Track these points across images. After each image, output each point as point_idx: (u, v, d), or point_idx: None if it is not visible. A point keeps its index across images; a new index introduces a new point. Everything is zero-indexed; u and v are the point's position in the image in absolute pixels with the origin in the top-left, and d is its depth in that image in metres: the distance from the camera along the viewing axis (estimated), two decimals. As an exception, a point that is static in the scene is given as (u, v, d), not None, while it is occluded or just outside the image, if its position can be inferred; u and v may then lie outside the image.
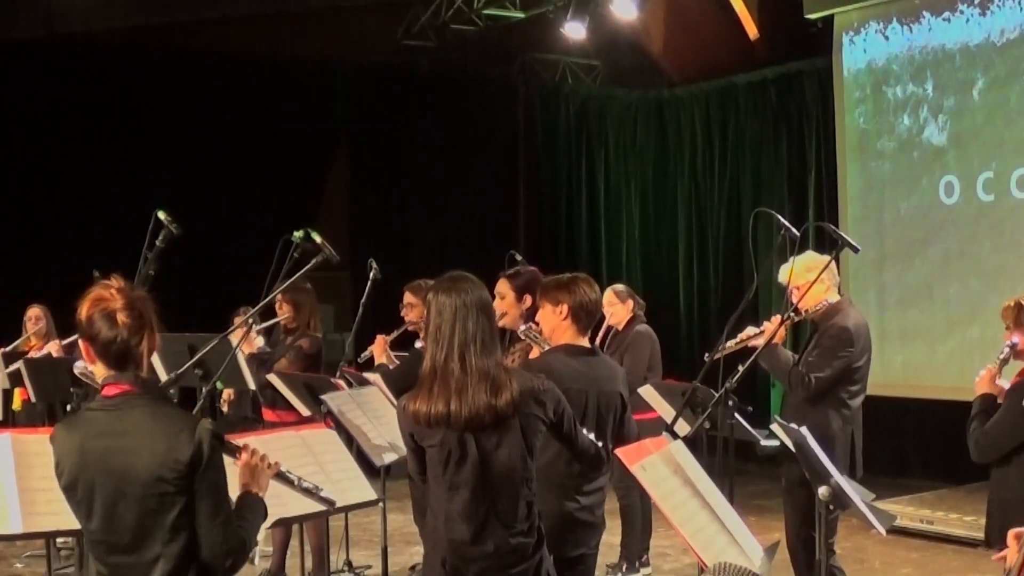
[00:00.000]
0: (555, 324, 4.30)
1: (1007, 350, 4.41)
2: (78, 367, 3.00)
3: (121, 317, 2.84)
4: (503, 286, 5.33)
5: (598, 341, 7.04)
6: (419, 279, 6.33)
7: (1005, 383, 4.42)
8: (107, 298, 2.87)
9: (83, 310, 2.88)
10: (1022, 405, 4.12)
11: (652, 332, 7.40)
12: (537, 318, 4.49)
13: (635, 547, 7.21)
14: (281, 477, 3.24)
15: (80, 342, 2.92)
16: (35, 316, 7.97)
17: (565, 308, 4.24)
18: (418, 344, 3.54)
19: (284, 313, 6.73)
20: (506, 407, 3.44)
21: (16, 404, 7.67)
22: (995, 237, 9.37)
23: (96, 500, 2.84)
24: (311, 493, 3.41)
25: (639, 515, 7.16)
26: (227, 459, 3.00)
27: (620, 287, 7.63)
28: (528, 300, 5.10)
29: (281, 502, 3.59)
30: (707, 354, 5.16)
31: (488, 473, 3.49)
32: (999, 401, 4.38)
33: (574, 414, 3.83)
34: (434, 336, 3.51)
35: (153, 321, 2.91)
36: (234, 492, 3.03)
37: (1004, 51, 9.28)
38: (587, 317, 4.30)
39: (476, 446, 3.47)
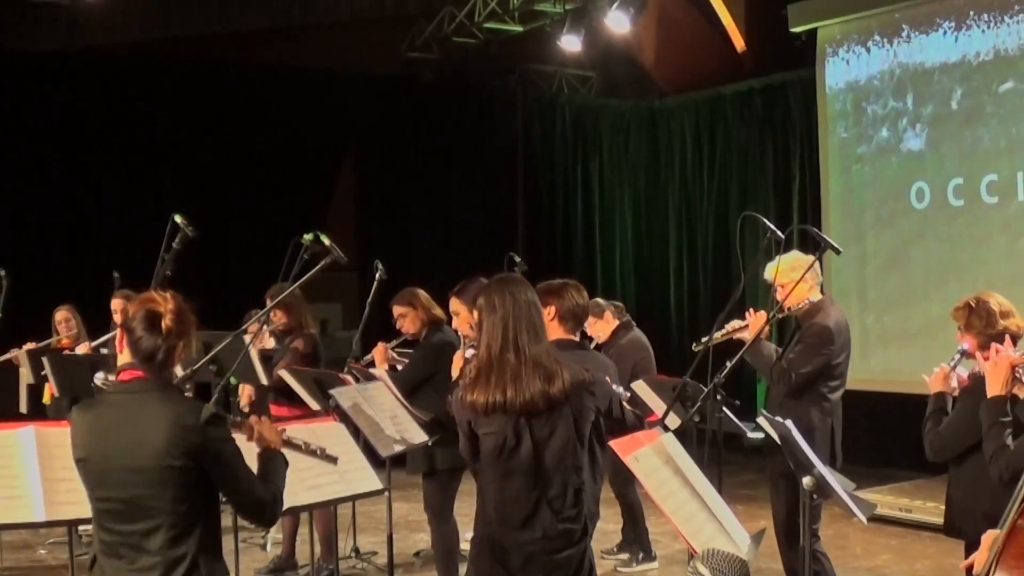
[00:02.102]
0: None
1: (957, 356, 4.28)
2: (99, 378, 3.08)
3: (166, 322, 2.99)
4: (455, 304, 5.47)
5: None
6: (406, 288, 6.30)
7: (964, 372, 4.34)
8: (157, 302, 3.02)
9: (132, 306, 3.05)
10: (973, 407, 4.06)
11: (639, 340, 7.18)
12: None
13: (643, 537, 7.19)
14: (289, 444, 3.41)
15: (119, 329, 3.05)
16: (64, 318, 7.93)
17: (553, 310, 4.34)
18: (470, 352, 3.66)
19: (278, 318, 6.69)
20: (558, 394, 3.49)
21: (46, 398, 7.67)
22: (968, 239, 9.40)
23: (107, 473, 2.95)
24: (316, 454, 3.63)
25: (639, 507, 7.10)
26: (241, 439, 3.14)
27: (595, 302, 7.06)
28: None
29: (292, 491, 3.59)
30: (694, 343, 5.17)
31: (540, 460, 3.51)
32: (954, 398, 4.30)
33: None
34: (489, 331, 3.55)
35: (191, 335, 3.08)
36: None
37: (980, 68, 9.30)
38: (574, 319, 4.42)
39: (530, 434, 3.50)
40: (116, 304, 7.28)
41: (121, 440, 2.92)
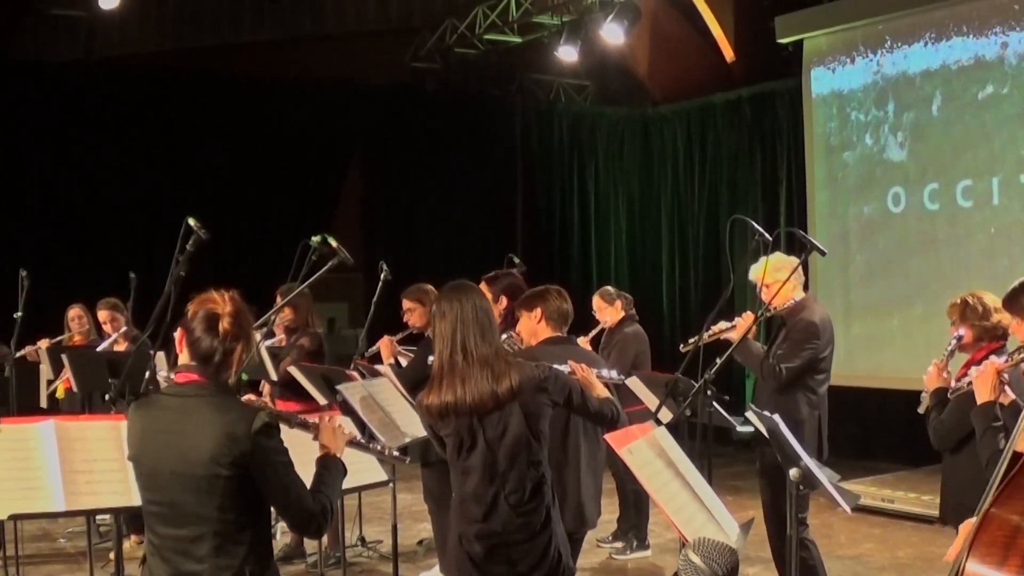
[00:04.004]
0: (532, 328, 4.51)
1: (953, 342, 4.32)
2: (161, 376, 3.01)
3: (223, 324, 2.84)
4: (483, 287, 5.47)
5: (590, 338, 7.02)
6: (416, 284, 6.32)
7: (953, 377, 4.35)
8: (216, 302, 2.88)
9: (192, 304, 2.89)
10: (965, 401, 4.06)
11: (642, 333, 7.25)
12: (518, 328, 4.61)
13: (642, 525, 7.20)
14: (356, 444, 3.38)
15: (178, 330, 2.92)
16: (77, 315, 7.94)
17: (539, 312, 4.47)
18: (430, 360, 3.67)
19: (284, 315, 6.69)
20: (506, 393, 3.49)
21: (59, 393, 7.67)
22: (947, 242, 9.39)
23: (154, 476, 2.83)
24: (383, 454, 3.69)
25: (646, 495, 7.10)
26: (300, 434, 3.06)
27: (607, 289, 7.47)
28: (504, 301, 5.25)
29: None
30: (681, 345, 5.17)
31: (495, 458, 3.52)
32: (949, 394, 4.32)
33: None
34: (440, 337, 3.57)
35: (250, 338, 2.88)
36: (308, 466, 2.98)
37: (959, 74, 9.30)
38: (560, 318, 4.52)
39: (484, 434, 3.51)
40: (103, 315, 7.48)
41: (170, 445, 2.79)
